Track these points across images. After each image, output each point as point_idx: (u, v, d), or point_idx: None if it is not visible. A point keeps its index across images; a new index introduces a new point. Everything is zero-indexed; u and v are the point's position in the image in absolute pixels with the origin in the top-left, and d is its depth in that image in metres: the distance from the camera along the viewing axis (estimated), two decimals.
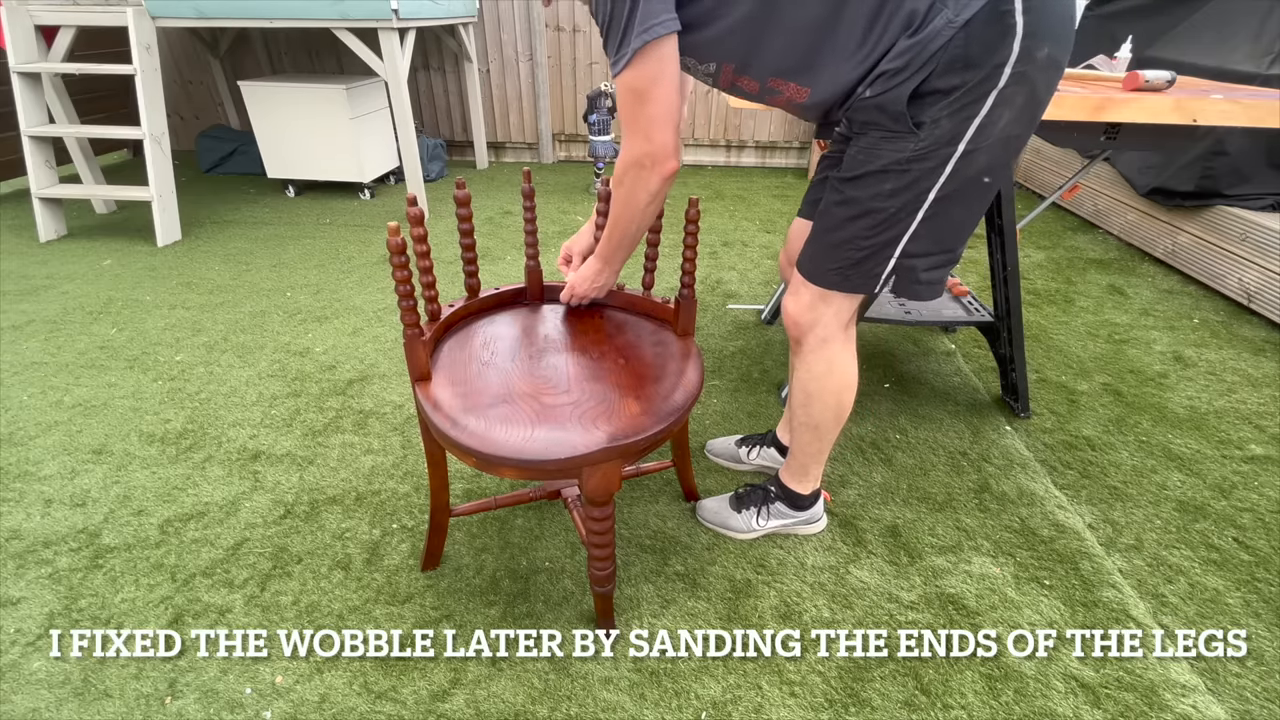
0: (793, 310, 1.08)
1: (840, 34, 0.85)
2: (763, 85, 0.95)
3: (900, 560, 1.26)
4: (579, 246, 1.19)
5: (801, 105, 0.96)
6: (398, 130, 2.99)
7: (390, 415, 1.66)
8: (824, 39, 0.86)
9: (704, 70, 0.96)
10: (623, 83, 0.88)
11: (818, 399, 1.12)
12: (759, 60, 0.91)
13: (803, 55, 0.89)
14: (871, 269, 0.99)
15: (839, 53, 0.87)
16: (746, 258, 2.69)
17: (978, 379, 1.86)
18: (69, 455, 1.50)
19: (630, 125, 0.91)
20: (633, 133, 0.92)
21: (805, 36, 0.87)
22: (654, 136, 0.90)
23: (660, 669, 1.05)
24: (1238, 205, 2.34)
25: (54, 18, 2.64)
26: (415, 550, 1.26)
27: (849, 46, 0.86)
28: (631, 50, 0.84)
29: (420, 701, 1.00)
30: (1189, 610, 1.17)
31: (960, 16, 0.79)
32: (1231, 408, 1.74)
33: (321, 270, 2.52)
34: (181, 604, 1.15)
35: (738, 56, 0.92)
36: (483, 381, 0.98)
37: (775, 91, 0.95)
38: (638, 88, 0.87)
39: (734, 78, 0.95)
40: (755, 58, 0.91)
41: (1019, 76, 0.82)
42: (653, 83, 0.87)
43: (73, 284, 2.37)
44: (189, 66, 4.06)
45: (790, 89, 0.93)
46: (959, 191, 0.92)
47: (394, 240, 0.86)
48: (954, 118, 0.85)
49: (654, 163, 0.92)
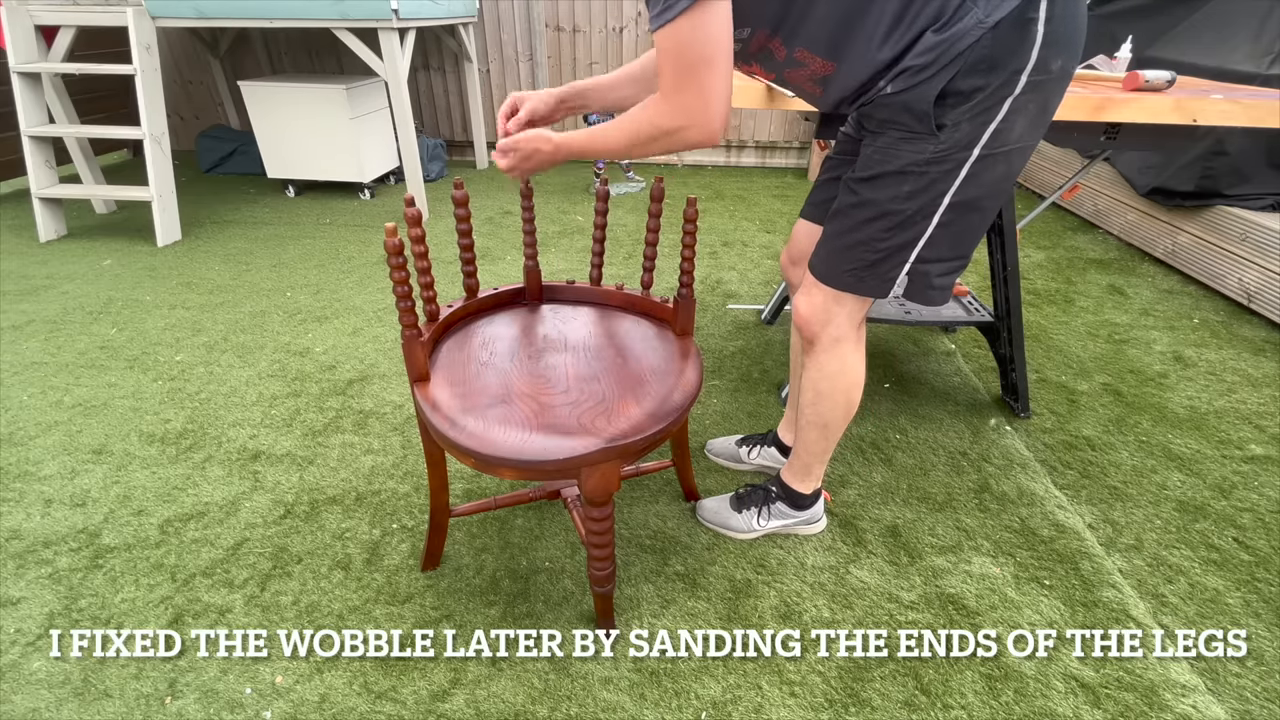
0: (805, 311, 1.07)
1: (873, 12, 0.83)
2: (789, 54, 0.91)
3: (900, 560, 1.26)
4: (534, 103, 1.08)
5: (823, 80, 0.93)
6: (398, 130, 2.99)
7: (390, 415, 1.66)
8: (860, 14, 0.84)
9: (737, 36, 0.85)
10: (671, 38, 0.77)
11: (828, 398, 1.12)
12: (796, 26, 0.87)
13: (836, 27, 0.86)
14: (886, 272, 0.99)
15: (870, 32, 0.85)
16: (746, 258, 2.69)
17: (978, 379, 1.86)
18: (69, 455, 1.50)
19: (672, 88, 0.81)
20: (674, 99, 0.82)
21: (843, 6, 0.84)
22: (714, 107, 0.81)
23: (660, 669, 1.05)
24: (1238, 205, 2.34)
25: (54, 18, 2.64)
26: (415, 550, 1.26)
27: (881, 28, 0.84)
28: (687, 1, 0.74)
29: (420, 701, 1.00)
30: (1189, 610, 1.17)
31: (991, 18, 0.79)
32: (1231, 408, 1.74)
33: (321, 270, 2.52)
34: (181, 604, 1.15)
35: (775, 20, 0.86)
36: (481, 382, 0.98)
37: (801, 64, 0.92)
38: (687, 46, 0.78)
39: (767, 41, 0.90)
40: (793, 22, 0.86)
41: (1034, 85, 0.83)
42: (712, 40, 0.78)
43: (73, 284, 2.37)
44: (189, 66, 4.06)
45: (816, 63, 0.90)
46: (973, 197, 0.92)
47: (391, 241, 0.86)
48: (973, 122, 0.85)
49: (703, 136, 0.84)
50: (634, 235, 2.91)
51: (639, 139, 0.88)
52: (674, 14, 0.76)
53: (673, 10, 0.76)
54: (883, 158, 0.92)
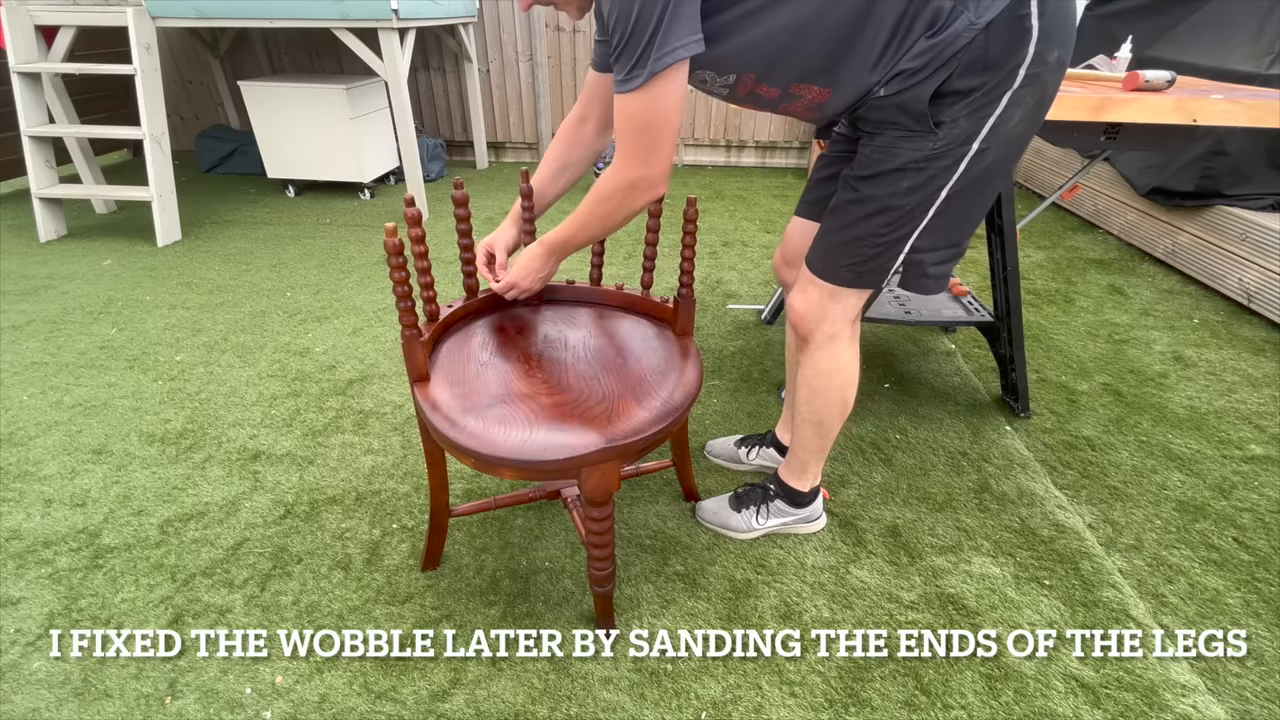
0: (800, 307, 1.08)
1: (867, 35, 0.84)
2: (784, 91, 0.92)
3: (900, 560, 1.26)
4: (502, 241, 1.15)
5: (819, 106, 0.94)
6: (398, 130, 2.99)
7: (390, 415, 1.66)
8: (852, 40, 0.84)
9: (721, 83, 0.92)
10: (631, 105, 0.83)
11: (823, 395, 1.13)
12: (785, 68, 0.88)
13: (828, 58, 0.86)
14: (883, 265, 1.00)
15: (864, 54, 0.85)
16: (746, 258, 2.69)
17: (978, 379, 1.86)
18: (69, 455, 1.50)
19: (630, 148, 0.87)
20: (631, 155, 0.88)
21: (835, 39, 0.84)
22: (654, 162, 0.87)
23: (660, 669, 1.05)
24: (1238, 205, 2.34)
25: (54, 18, 2.64)
26: (415, 550, 1.26)
27: (875, 48, 0.85)
28: (648, 73, 0.79)
29: (420, 701, 1.00)
30: (1189, 610, 1.17)
31: (982, 19, 0.80)
32: (1231, 408, 1.74)
33: (321, 270, 2.52)
34: (181, 604, 1.15)
35: (763, 65, 0.88)
36: (481, 382, 0.98)
37: (796, 96, 0.93)
38: (648, 114, 0.83)
39: (754, 86, 0.92)
40: (782, 65, 0.88)
41: (1032, 78, 0.83)
42: (665, 111, 0.83)
43: (73, 284, 2.37)
44: (189, 66, 4.06)
45: (813, 92, 0.91)
46: (970, 187, 0.93)
47: (391, 241, 0.86)
48: (971, 117, 0.86)
49: (649, 186, 0.90)
50: (634, 235, 2.91)
51: (608, 209, 0.94)
52: (633, 87, 0.81)
53: (632, 83, 0.81)
54: (882, 156, 0.92)
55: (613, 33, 0.80)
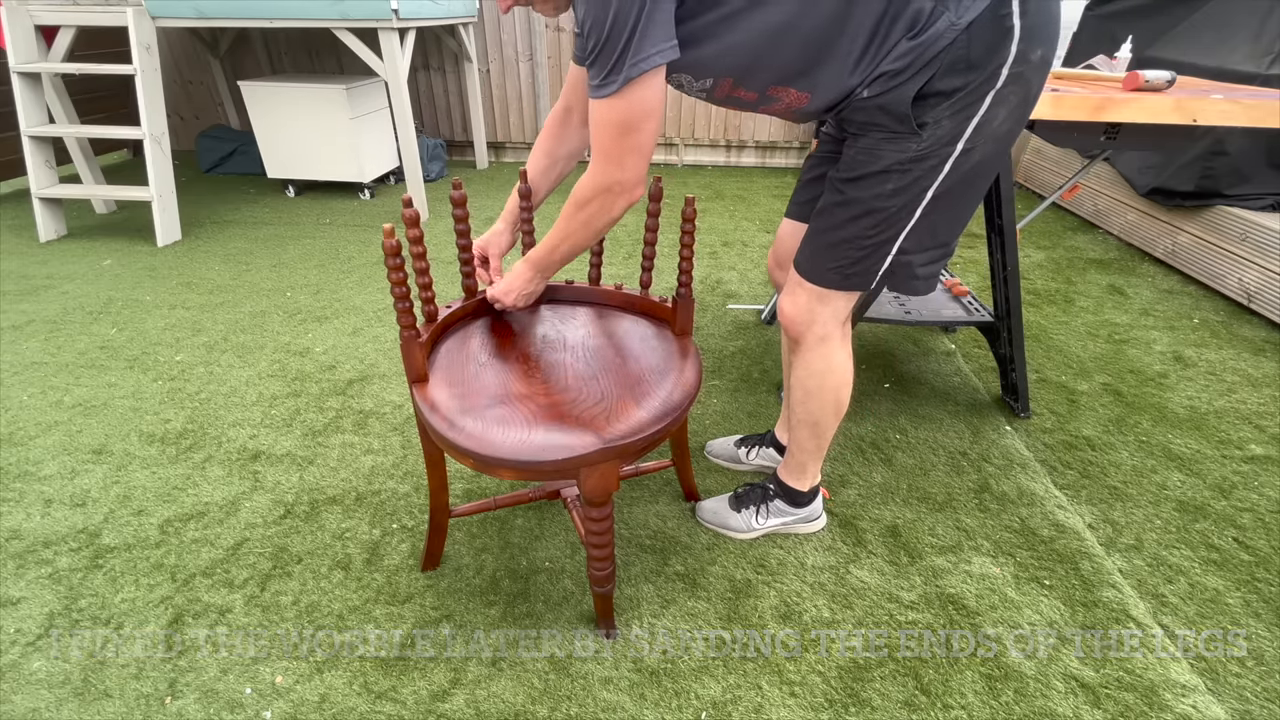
0: (790, 310, 1.08)
1: (845, 39, 0.84)
2: (761, 94, 0.92)
3: (900, 560, 1.26)
4: (497, 247, 1.15)
5: (799, 110, 0.95)
6: (398, 130, 2.99)
7: (390, 415, 1.66)
8: (830, 43, 0.84)
9: (699, 86, 0.92)
10: (607, 110, 0.83)
11: (816, 396, 1.13)
12: (762, 71, 0.88)
13: (806, 61, 0.86)
14: (870, 267, 1.00)
15: (843, 57, 0.85)
16: (746, 258, 2.69)
17: (978, 379, 1.86)
18: (69, 455, 1.50)
19: (606, 152, 0.87)
20: (607, 159, 0.87)
21: (813, 43, 0.84)
22: (629, 165, 0.87)
23: (660, 669, 1.05)
24: (1238, 205, 2.34)
25: (54, 18, 2.64)
26: (415, 550, 1.26)
27: (854, 51, 0.85)
28: (623, 79, 0.79)
29: (420, 701, 1.00)
30: (1189, 610, 1.17)
31: (963, 19, 0.80)
32: (1231, 408, 1.74)
33: (321, 270, 2.52)
34: (181, 604, 1.15)
35: (739, 69, 0.88)
36: (480, 382, 0.98)
37: (774, 99, 0.93)
38: (624, 119, 0.83)
39: (732, 90, 0.93)
40: (759, 69, 0.88)
41: (1016, 77, 0.83)
42: (641, 116, 0.83)
43: (73, 284, 2.38)
44: (189, 66, 4.06)
45: (790, 95, 0.92)
46: (956, 188, 0.93)
47: (389, 242, 0.86)
48: (955, 118, 0.86)
49: (624, 190, 0.90)
50: (633, 235, 2.91)
51: (587, 215, 0.94)
52: (608, 93, 0.81)
53: (608, 89, 0.81)
54: (866, 158, 0.92)
55: (587, 37, 0.79)
